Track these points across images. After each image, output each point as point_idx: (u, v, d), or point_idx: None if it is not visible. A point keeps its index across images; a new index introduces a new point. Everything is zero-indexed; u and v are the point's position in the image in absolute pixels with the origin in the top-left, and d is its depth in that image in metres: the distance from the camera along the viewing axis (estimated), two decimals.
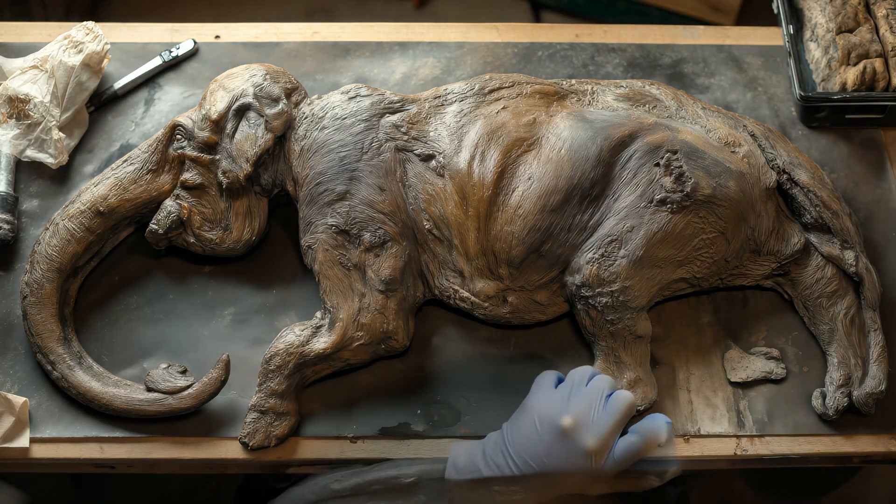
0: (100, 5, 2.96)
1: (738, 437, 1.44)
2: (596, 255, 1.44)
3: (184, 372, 1.44)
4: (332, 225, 1.46)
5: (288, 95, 1.55)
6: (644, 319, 1.46)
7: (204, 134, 1.53)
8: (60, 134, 1.61)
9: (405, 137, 1.51)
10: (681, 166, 1.45)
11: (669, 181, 1.45)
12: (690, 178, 1.44)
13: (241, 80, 1.55)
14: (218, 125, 1.53)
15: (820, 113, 1.71)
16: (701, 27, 1.89)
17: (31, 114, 1.62)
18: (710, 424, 1.45)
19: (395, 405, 1.46)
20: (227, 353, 1.43)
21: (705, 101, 1.73)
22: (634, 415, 1.44)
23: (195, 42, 1.81)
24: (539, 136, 1.50)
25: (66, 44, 1.69)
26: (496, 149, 1.48)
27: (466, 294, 1.48)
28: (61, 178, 1.66)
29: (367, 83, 1.76)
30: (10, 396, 1.42)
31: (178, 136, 1.55)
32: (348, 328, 1.43)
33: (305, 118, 1.53)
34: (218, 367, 1.42)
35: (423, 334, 1.52)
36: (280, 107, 1.52)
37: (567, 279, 1.47)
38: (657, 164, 1.46)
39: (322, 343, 1.43)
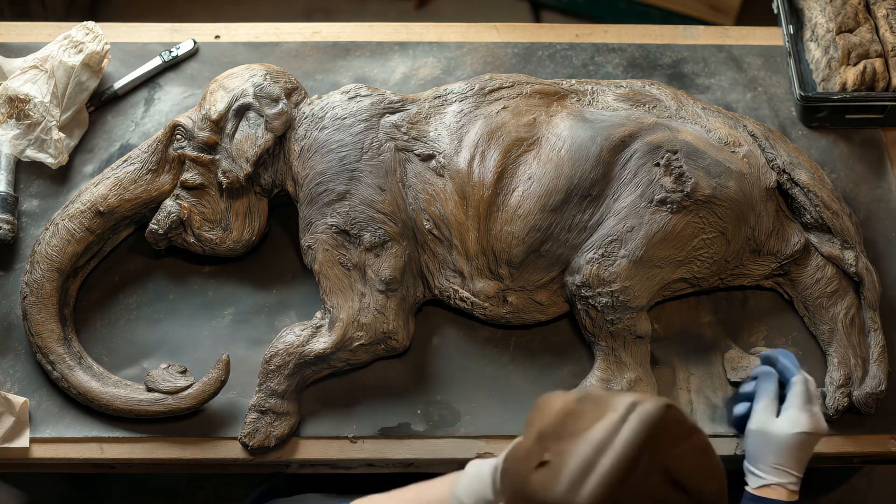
0: (100, 5, 2.96)
1: (738, 437, 1.44)
2: (596, 255, 1.44)
3: (184, 372, 1.44)
4: (333, 225, 1.46)
5: (288, 95, 1.55)
6: (644, 319, 1.46)
7: (204, 134, 1.53)
8: (60, 134, 1.61)
9: (405, 137, 1.51)
10: (681, 166, 1.45)
11: (669, 181, 1.45)
12: (690, 178, 1.44)
13: (241, 80, 1.55)
14: (218, 125, 1.53)
15: (820, 113, 1.71)
16: (701, 27, 1.89)
17: (31, 114, 1.62)
18: (711, 424, 1.45)
19: (395, 405, 1.46)
20: (227, 353, 1.43)
21: (705, 101, 1.73)
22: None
23: (195, 42, 1.81)
24: (539, 136, 1.50)
25: (66, 44, 1.69)
26: (496, 149, 1.48)
27: (466, 294, 1.48)
28: (61, 178, 1.66)
29: (367, 83, 1.76)
30: (10, 396, 1.42)
31: (178, 136, 1.55)
32: (348, 328, 1.43)
33: (305, 118, 1.53)
34: (218, 367, 1.42)
35: (423, 334, 1.52)
36: (280, 107, 1.52)
37: (567, 279, 1.47)
38: (657, 164, 1.46)
39: (322, 343, 1.43)
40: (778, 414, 1.29)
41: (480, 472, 1.07)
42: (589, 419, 1.00)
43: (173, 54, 1.78)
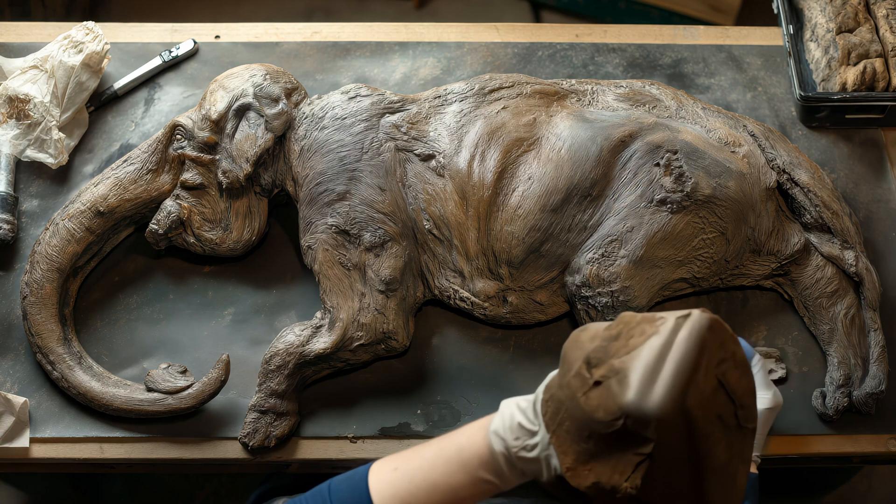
0: (100, 5, 2.96)
1: None
2: (596, 255, 1.44)
3: (184, 372, 1.44)
4: (333, 225, 1.46)
5: (288, 95, 1.55)
6: None
7: (204, 134, 1.53)
8: (60, 134, 1.61)
9: (405, 137, 1.51)
10: (681, 166, 1.45)
11: (669, 181, 1.45)
12: (690, 178, 1.44)
13: (241, 80, 1.55)
14: (218, 125, 1.53)
15: (820, 113, 1.71)
16: (701, 27, 1.89)
17: (31, 114, 1.62)
18: None
19: (395, 405, 1.46)
20: (226, 353, 1.43)
21: (705, 101, 1.73)
22: None
23: (195, 42, 1.81)
24: (539, 136, 1.50)
25: (66, 44, 1.69)
26: (496, 149, 1.48)
27: (466, 294, 1.48)
28: (61, 178, 1.66)
29: (367, 83, 1.76)
30: (10, 396, 1.42)
31: (178, 137, 1.55)
32: (348, 328, 1.43)
33: (305, 118, 1.53)
34: (218, 367, 1.42)
35: (423, 334, 1.52)
36: (280, 107, 1.52)
37: (567, 279, 1.47)
38: (657, 164, 1.46)
39: (322, 343, 1.43)
40: None
41: (518, 407, 1.08)
42: (639, 336, 1.02)
43: (173, 54, 1.78)
